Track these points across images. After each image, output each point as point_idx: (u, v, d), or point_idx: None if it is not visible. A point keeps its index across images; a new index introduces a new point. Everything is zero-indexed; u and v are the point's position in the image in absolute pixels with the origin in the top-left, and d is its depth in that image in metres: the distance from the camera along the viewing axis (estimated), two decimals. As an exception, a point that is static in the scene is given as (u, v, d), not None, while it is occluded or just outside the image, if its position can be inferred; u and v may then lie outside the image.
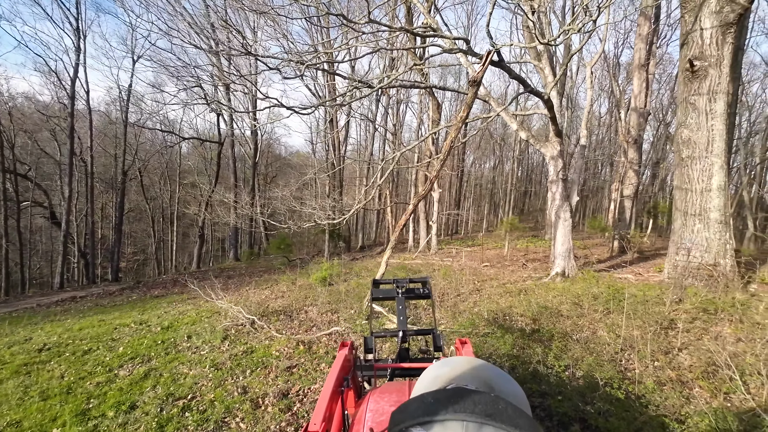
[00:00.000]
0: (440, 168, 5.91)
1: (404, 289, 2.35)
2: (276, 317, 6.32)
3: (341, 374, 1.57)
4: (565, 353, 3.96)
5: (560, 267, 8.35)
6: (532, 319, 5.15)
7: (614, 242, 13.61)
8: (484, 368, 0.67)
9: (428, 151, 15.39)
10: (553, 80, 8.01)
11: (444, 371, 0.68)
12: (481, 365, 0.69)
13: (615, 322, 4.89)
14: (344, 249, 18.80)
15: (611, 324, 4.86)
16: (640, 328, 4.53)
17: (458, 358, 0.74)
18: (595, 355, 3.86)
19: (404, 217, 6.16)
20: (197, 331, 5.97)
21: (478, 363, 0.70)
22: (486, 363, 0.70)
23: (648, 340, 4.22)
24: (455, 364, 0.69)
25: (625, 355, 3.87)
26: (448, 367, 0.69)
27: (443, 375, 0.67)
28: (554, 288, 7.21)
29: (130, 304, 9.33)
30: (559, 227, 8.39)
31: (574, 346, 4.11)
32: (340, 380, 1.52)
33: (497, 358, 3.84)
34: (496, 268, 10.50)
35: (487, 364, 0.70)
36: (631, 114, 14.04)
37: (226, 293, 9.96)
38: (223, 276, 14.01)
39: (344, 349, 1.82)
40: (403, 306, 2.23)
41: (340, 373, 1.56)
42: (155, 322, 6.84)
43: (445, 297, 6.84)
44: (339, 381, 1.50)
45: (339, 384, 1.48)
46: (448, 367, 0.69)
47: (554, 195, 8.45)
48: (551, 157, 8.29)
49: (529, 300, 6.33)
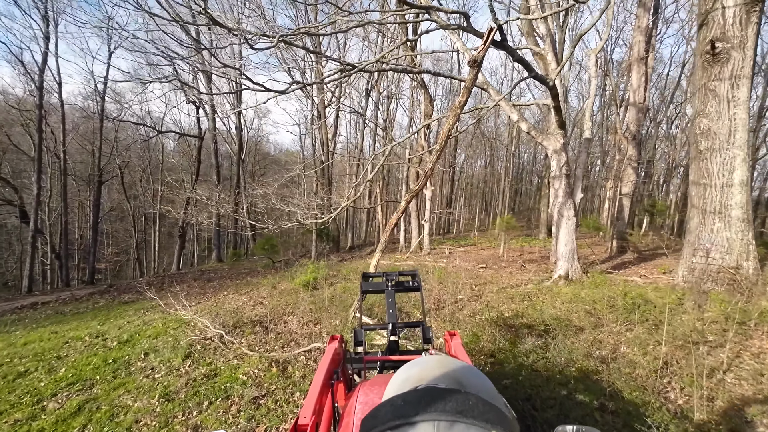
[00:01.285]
0: (436, 160, 5.23)
1: (394, 282, 2.37)
2: (250, 329, 5.56)
3: (331, 367, 1.56)
4: (590, 378, 3.31)
5: (563, 269, 7.74)
6: (543, 331, 4.49)
7: (613, 242, 13.13)
8: (453, 366, 0.65)
9: (420, 147, 14.71)
10: (557, 67, 7.39)
11: (414, 372, 0.66)
12: (450, 363, 0.67)
13: (637, 336, 4.27)
14: (333, 249, 18.04)
15: (633, 338, 4.23)
16: (669, 343, 3.91)
17: (428, 358, 0.71)
18: (629, 381, 3.21)
19: (395, 216, 5.47)
20: (158, 346, 5.19)
21: (448, 361, 0.68)
22: (455, 360, 0.69)
23: (683, 358, 3.59)
24: (424, 364, 0.67)
25: (663, 381, 3.22)
26: (417, 367, 0.67)
27: (413, 376, 0.64)
28: (559, 293, 6.59)
29: (93, 312, 8.46)
30: (562, 226, 7.78)
31: (600, 369, 3.46)
32: (330, 373, 1.51)
33: (513, 392, 3.15)
34: (492, 270, 9.88)
35: (457, 361, 0.69)
36: (629, 109, 13.56)
37: (202, 298, 9.17)
38: (202, 279, 13.16)
39: (334, 342, 1.84)
40: (392, 299, 2.25)
41: (330, 366, 1.55)
42: (114, 335, 6.03)
43: (441, 304, 6.16)
44: (329, 374, 1.49)
45: (329, 377, 1.48)
46: (418, 367, 0.67)
47: (557, 192, 7.84)
48: (554, 151, 7.67)
49: (536, 308, 5.69)
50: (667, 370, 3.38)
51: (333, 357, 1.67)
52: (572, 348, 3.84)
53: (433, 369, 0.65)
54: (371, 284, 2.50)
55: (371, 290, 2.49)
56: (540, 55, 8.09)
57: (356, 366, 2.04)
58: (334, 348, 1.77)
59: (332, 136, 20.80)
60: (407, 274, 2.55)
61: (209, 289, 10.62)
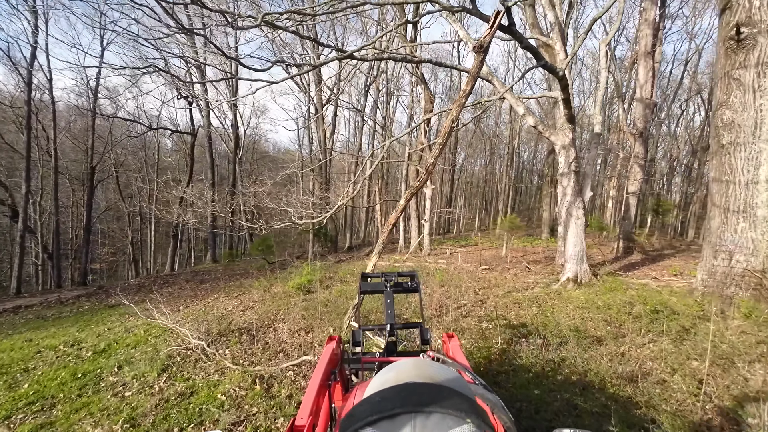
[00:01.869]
0: (438, 154, 4.79)
1: (392, 283, 2.36)
2: (237, 338, 5.13)
3: (329, 368, 1.55)
4: (619, 399, 2.88)
5: (572, 272, 7.32)
6: (559, 343, 4.06)
7: (619, 242, 12.71)
8: (428, 366, 0.67)
9: (420, 144, 14.27)
10: (566, 57, 6.96)
11: (390, 376, 0.66)
12: (425, 364, 0.68)
13: (663, 349, 3.84)
14: (330, 249, 17.60)
15: (660, 352, 3.80)
16: (701, 358, 3.49)
17: (403, 361, 0.71)
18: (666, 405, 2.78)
19: (394, 215, 5.03)
20: (135, 357, 4.76)
21: (423, 362, 0.69)
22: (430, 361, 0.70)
23: (719, 376, 3.17)
24: (400, 368, 0.68)
25: (705, 407, 2.79)
26: (393, 371, 0.67)
27: (390, 379, 0.64)
28: (570, 298, 6.16)
29: (75, 317, 8.01)
30: (571, 226, 7.36)
31: (629, 391, 3.03)
32: (328, 374, 1.50)
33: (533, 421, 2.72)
34: (496, 272, 9.45)
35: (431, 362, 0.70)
36: (635, 105, 13.13)
37: (192, 302, 8.74)
38: (195, 280, 12.71)
39: (332, 342, 1.82)
40: (391, 300, 2.23)
41: (327, 366, 1.54)
42: (90, 344, 5.59)
43: (444, 309, 5.73)
44: (326, 374, 1.49)
45: (326, 377, 1.47)
46: (393, 371, 0.67)
47: (565, 190, 7.41)
48: (562, 147, 7.24)
49: (546, 314, 5.26)
50: (704, 390, 2.96)
51: (331, 357, 1.66)
52: (592, 362, 3.40)
53: (409, 371, 0.64)
54: (370, 285, 2.46)
55: (370, 291, 2.45)
56: (547, 45, 7.66)
57: (354, 366, 2.01)
58: (332, 349, 1.75)
59: (330, 134, 20.37)
60: (406, 275, 2.53)
61: (200, 292, 10.18)
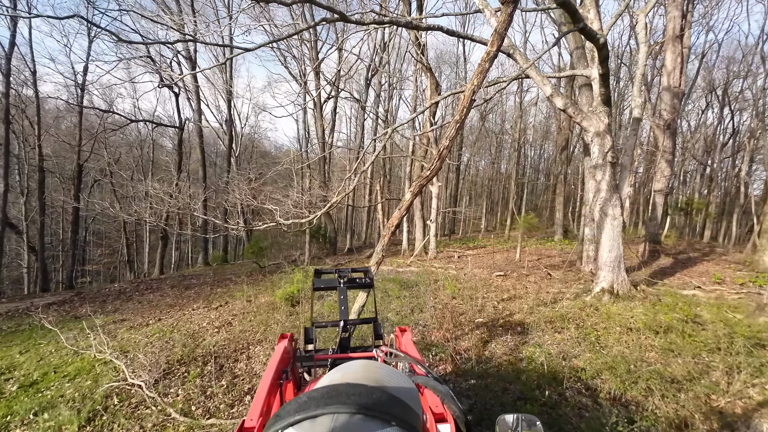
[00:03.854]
0: (455, 133, 3.72)
1: (346, 279, 2.32)
2: (199, 368, 4.06)
3: (280, 366, 1.52)
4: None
5: (607, 281, 6.20)
6: (622, 390, 2.96)
7: (645, 244, 11.58)
8: (376, 369, 0.66)
9: (425, 139, 13.19)
10: (601, 26, 5.86)
11: (336, 377, 0.64)
12: (374, 366, 0.67)
13: None
14: (330, 252, 16.52)
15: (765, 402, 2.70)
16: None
17: (352, 363, 0.70)
18: None
19: (398, 213, 3.96)
20: (65, 395, 3.70)
21: (372, 365, 0.68)
22: (378, 364, 0.69)
23: None
24: (347, 369, 0.67)
25: None
26: (340, 372, 0.66)
27: (335, 380, 0.62)
28: (610, 314, 5.05)
29: (30, 331, 6.98)
30: (605, 228, 6.25)
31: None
32: (279, 373, 1.48)
33: None
34: (512, 279, 8.34)
35: (381, 364, 0.68)
36: (662, 94, 11.99)
37: (168, 313, 7.69)
38: (181, 285, 11.67)
39: (284, 340, 1.77)
40: (344, 296, 2.21)
41: (278, 365, 1.50)
42: (24, 371, 4.55)
43: (459, 330, 4.63)
44: (278, 374, 1.46)
45: (278, 377, 1.45)
46: (341, 372, 0.66)
47: (599, 184, 6.30)
48: (596, 134, 6.13)
49: (588, 337, 4.16)
50: None
51: (282, 356, 1.59)
52: None
53: (356, 372, 0.63)
54: (323, 281, 2.39)
55: (323, 287, 2.42)
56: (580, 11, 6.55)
57: (306, 364, 1.92)
58: (284, 347, 1.68)
59: (330, 131, 19.32)
60: (360, 270, 2.48)
61: (181, 300, 9.14)
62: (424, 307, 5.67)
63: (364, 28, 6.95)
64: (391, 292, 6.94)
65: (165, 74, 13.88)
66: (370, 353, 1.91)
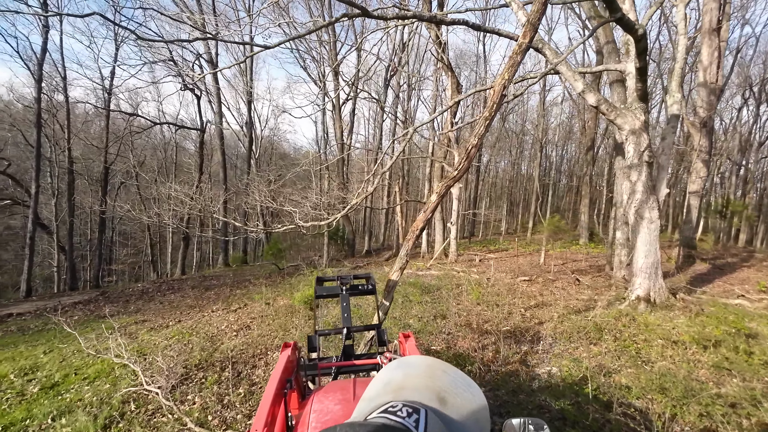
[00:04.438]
0: (485, 131, 3.51)
1: (348, 286, 2.30)
2: (217, 374, 3.96)
3: (284, 376, 1.51)
4: None
5: (643, 289, 5.83)
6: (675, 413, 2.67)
7: (680, 249, 10.99)
8: (440, 375, 0.56)
9: (446, 139, 12.93)
10: (636, 17, 5.50)
11: (396, 376, 0.57)
12: (438, 370, 0.57)
13: None
14: (348, 254, 16.42)
15: None
16: None
17: (415, 360, 0.61)
18: None
19: (423, 216, 3.76)
20: (83, 399, 3.66)
21: (437, 367, 0.58)
22: (444, 365, 0.59)
23: None
24: (409, 368, 0.58)
25: None
26: (401, 370, 0.58)
27: (394, 381, 0.55)
28: (649, 325, 4.70)
29: (54, 332, 7.07)
30: (642, 231, 5.87)
31: None
32: (283, 383, 1.47)
33: None
34: (538, 284, 8.00)
35: (446, 366, 0.59)
36: (698, 90, 11.39)
37: (188, 315, 7.68)
38: (201, 286, 11.77)
39: (287, 350, 1.74)
40: (347, 303, 2.20)
41: (282, 375, 1.49)
42: (46, 373, 4.57)
43: (485, 338, 4.38)
44: (281, 384, 1.45)
45: (281, 387, 1.45)
46: (401, 371, 0.58)
47: (634, 185, 5.93)
48: (631, 132, 5.77)
49: (629, 352, 3.84)
50: None
51: (286, 365, 1.58)
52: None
53: (419, 377, 0.55)
54: (325, 288, 2.35)
55: (326, 295, 2.36)
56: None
57: (310, 373, 1.91)
58: (287, 356, 1.66)
59: (349, 132, 19.26)
60: (361, 277, 2.44)
61: (202, 301, 9.18)
62: (448, 313, 5.44)
63: (384, 26, 6.79)
64: (412, 297, 6.73)
65: (186, 75, 14.07)
66: (375, 360, 1.88)
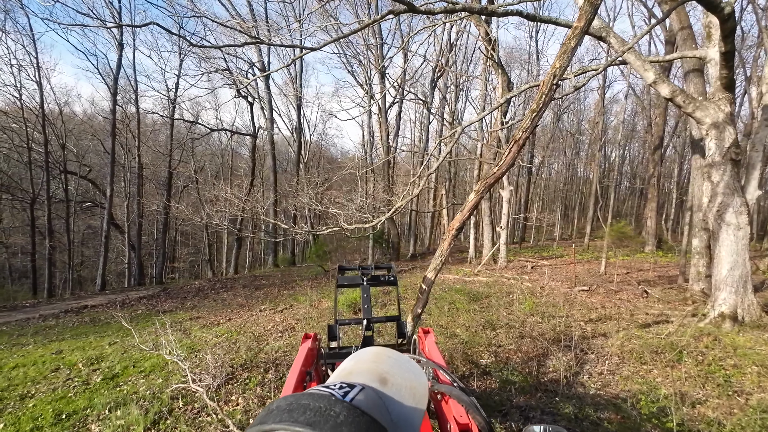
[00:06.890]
0: (533, 125, 3.19)
1: (369, 277, 2.30)
2: (260, 375, 3.96)
3: (304, 368, 1.50)
4: None
5: (728, 304, 5.09)
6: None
7: (766, 260, 9.65)
8: (385, 359, 0.61)
9: (495, 140, 12.42)
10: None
11: (349, 364, 0.62)
12: (383, 356, 0.62)
13: None
14: (392, 257, 16.31)
15: None
16: None
17: (367, 350, 0.66)
18: None
19: (461, 215, 3.45)
20: (138, 392, 3.81)
21: (382, 353, 0.63)
22: (391, 352, 0.65)
23: None
24: (359, 356, 0.64)
25: None
26: (353, 359, 0.64)
27: (347, 368, 0.61)
28: (738, 347, 4.04)
29: (119, 324, 7.60)
30: (726, 239, 5.14)
31: None
32: (303, 375, 1.46)
33: None
34: (599, 295, 7.33)
35: (392, 353, 0.64)
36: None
37: (238, 313, 7.95)
38: (252, 286, 12.22)
39: (307, 341, 1.76)
40: (368, 294, 2.21)
41: (302, 367, 1.49)
42: (108, 364, 4.86)
43: (537, 351, 4.00)
44: (302, 375, 1.44)
45: (302, 378, 1.42)
46: (354, 359, 0.63)
47: (716, 187, 5.22)
48: (713, 125, 5.09)
49: (722, 383, 3.31)
50: None
51: (306, 357, 1.59)
52: None
53: (366, 362, 0.61)
54: (346, 278, 2.37)
55: (347, 284, 2.40)
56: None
57: (330, 361, 1.96)
58: (308, 347, 1.69)
59: (395, 136, 19.21)
60: (383, 267, 2.44)
61: (251, 300, 9.49)
62: (497, 324, 5.09)
63: (431, 25, 6.59)
64: (459, 305, 6.42)
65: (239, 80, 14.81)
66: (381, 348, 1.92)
